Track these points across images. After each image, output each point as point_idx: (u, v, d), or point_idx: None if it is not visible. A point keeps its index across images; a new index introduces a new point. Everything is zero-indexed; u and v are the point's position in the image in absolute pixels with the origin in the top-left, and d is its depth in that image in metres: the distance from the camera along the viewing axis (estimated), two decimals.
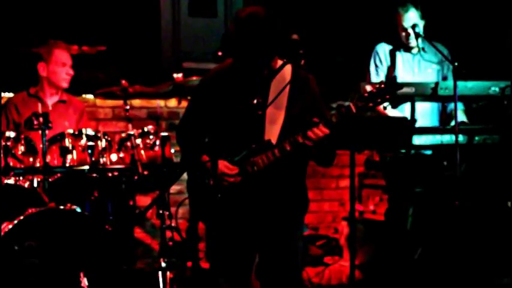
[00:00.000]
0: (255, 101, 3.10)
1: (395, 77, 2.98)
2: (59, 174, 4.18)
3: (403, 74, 4.75)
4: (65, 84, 4.65)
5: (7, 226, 3.75)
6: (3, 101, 4.75)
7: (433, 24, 4.76)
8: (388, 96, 2.97)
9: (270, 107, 3.08)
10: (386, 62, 4.79)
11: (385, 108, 3.13)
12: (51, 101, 4.69)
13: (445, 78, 4.79)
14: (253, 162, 3.09)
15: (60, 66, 4.60)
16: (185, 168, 3.33)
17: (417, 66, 4.80)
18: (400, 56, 4.79)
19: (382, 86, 2.98)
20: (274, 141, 3.09)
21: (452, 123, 4.23)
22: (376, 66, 4.80)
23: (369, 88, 3.01)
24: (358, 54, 5.06)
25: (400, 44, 4.78)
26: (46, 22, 5.13)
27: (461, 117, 4.55)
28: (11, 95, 4.87)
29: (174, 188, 4.76)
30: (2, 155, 3.98)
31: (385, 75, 4.77)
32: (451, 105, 4.69)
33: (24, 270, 3.73)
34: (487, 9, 5.42)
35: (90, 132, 4.29)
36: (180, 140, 3.33)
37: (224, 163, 3.10)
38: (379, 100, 2.98)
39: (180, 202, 3.60)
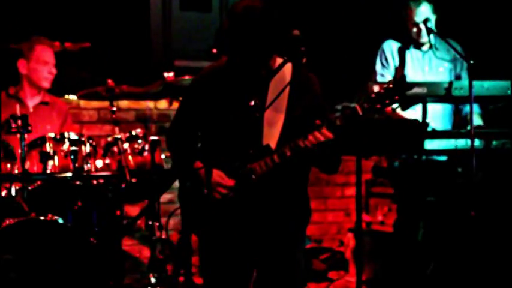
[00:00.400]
0: (253, 103, 3.11)
1: (404, 76, 3.00)
2: (39, 182, 4.19)
3: (412, 74, 4.76)
4: (46, 84, 4.66)
5: None
6: None
7: (446, 19, 4.78)
8: (397, 97, 2.97)
9: (269, 109, 3.09)
10: (393, 61, 4.80)
11: (394, 110, 3.13)
12: (32, 102, 4.70)
13: (458, 78, 4.80)
14: (251, 169, 3.10)
15: (42, 64, 4.62)
16: (176, 176, 3.34)
17: (428, 65, 4.82)
18: (410, 54, 4.81)
19: (391, 86, 2.99)
20: (273, 146, 3.10)
21: (468, 126, 4.23)
22: (383, 65, 4.81)
23: (376, 88, 3.04)
24: (366, 52, 5.07)
25: (409, 40, 4.80)
26: (26, 16, 5.13)
27: (477, 121, 4.55)
28: None
29: (164, 197, 4.77)
30: None
31: (392, 75, 4.78)
32: (466, 108, 4.70)
33: (0, 285, 3.74)
34: (505, 1, 5.43)
35: (73, 136, 4.30)
36: (171, 144, 3.34)
37: (219, 173, 3.12)
38: (387, 101, 2.98)
39: (171, 212, 3.62)
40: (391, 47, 4.82)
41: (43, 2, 5.23)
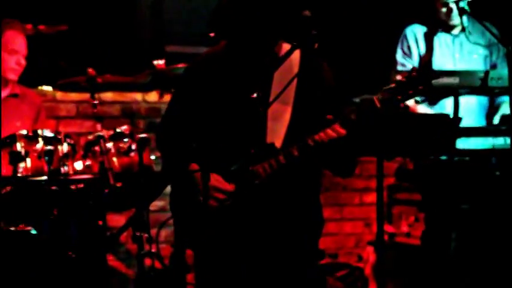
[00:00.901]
0: (255, 95, 3.10)
1: (430, 63, 2.99)
2: (9, 187, 4.18)
3: (440, 61, 4.77)
4: (12, 76, 4.66)
5: None
6: None
7: None
8: (421, 87, 2.98)
9: (274, 102, 3.09)
10: (417, 49, 4.80)
11: (417, 102, 3.12)
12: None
13: (493, 67, 4.81)
14: (253, 172, 3.09)
15: (9, 53, 4.61)
16: (168, 180, 3.33)
17: (459, 51, 4.83)
18: (437, 39, 4.82)
19: (414, 74, 2.99)
20: (278, 145, 3.10)
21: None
22: (404, 54, 4.84)
23: (397, 78, 3.02)
24: (389, 36, 5.06)
25: (437, 23, 4.79)
26: None
27: None
28: None
29: (155, 205, 4.78)
30: None
31: (415, 65, 4.77)
32: (502, 100, 4.68)
33: None
34: None
35: (49, 133, 4.29)
36: (162, 143, 3.35)
37: (216, 176, 3.11)
38: (410, 92, 3.00)
39: (162, 222, 3.60)
40: (415, 33, 4.84)
41: None
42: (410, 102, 4.71)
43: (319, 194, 3.27)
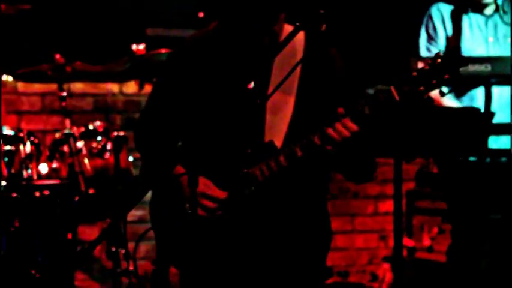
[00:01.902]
0: (252, 85, 3.11)
1: (458, 47, 3.00)
2: None
3: (471, 46, 4.82)
4: None
5: None
6: None
7: None
8: (447, 76, 2.98)
9: (274, 93, 3.09)
10: (444, 30, 4.82)
11: (443, 94, 3.12)
12: None
13: None
14: (248, 175, 3.10)
15: None
16: (149, 186, 3.34)
17: (492, 34, 4.88)
18: (467, 19, 4.85)
19: (439, 60, 2.99)
20: (279, 143, 3.10)
21: None
22: (430, 37, 4.87)
23: (419, 65, 3.03)
24: (408, 19, 5.08)
25: (467, 1, 4.79)
26: None
27: None
28: None
29: (133, 214, 4.78)
30: None
31: (442, 50, 4.78)
32: None
33: None
34: None
35: (8, 131, 4.31)
36: (141, 142, 3.36)
37: (205, 181, 3.11)
38: (434, 82, 2.99)
39: (140, 235, 3.61)
40: (441, 12, 4.88)
41: None
42: (434, 94, 4.72)
43: (326, 201, 3.28)
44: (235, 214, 3.12)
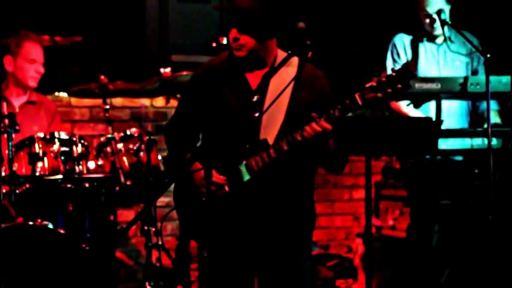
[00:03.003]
0: (255, 99, 3.17)
1: (407, 63, 3.01)
2: (27, 185, 4.19)
3: (426, 68, 4.77)
4: (32, 83, 4.65)
5: None
6: None
7: (461, 10, 4.77)
8: (400, 86, 2.98)
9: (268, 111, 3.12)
10: (405, 55, 4.79)
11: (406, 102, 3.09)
12: (18, 102, 4.69)
13: (474, 73, 4.80)
14: (246, 165, 3.12)
15: (29, 63, 4.60)
16: (172, 179, 3.34)
17: (443, 59, 4.81)
18: (423, 47, 4.81)
19: (393, 74, 3.01)
20: (271, 141, 3.12)
21: (485, 125, 4.23)
22: (394, 60, 4.80)
23: (378, 77, 3.04)
24: (376, 46, 5.07)
25: (422, 33, 4.79)
26: (14, 9, 5.13)
27: (494, 118, 4.56)
28: None
29: (161, 201, 4.78)
30: None
31: None
32: (483, 105, 4.71)
33: None
34: None
35: (64, 136, 4.29)
36: (168, 140, 3.38)
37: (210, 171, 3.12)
38: (389, 90, 2.99)
39: (164, 215, 3.62)
40: (402, 40, 4.81)
41: None
42: (396, 105, 4.73)
43: (312, 190, 3.29)
44: (237, 198, 3.13)
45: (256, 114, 3.13)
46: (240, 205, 3.14)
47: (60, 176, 4.21)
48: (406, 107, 4.69)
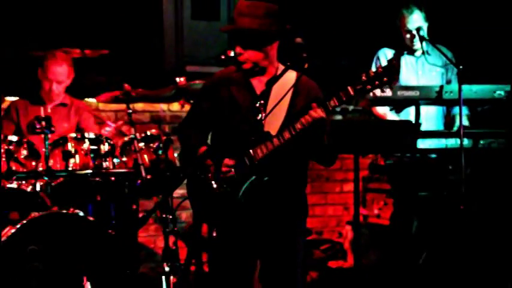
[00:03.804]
0: (258, 104, 3.17)
1: (392, 60, 3.02)
2: (61, 178, 4.20)
3: (406, 77, 4.76)
4: (55, 93, 4.66)
5: (10, 230, 3.78)
6: (6, 105, 4.79)
7: (437, 26, 4.77)
8: (386, 79, 2.99)
9: (271, 108, 3.13)
10: None
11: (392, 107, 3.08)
12: (51, 104, 4.71)
13: (449, 82, 4.80)
14: (252, 152, 3.11)
15: (52, 80, 4.62)
16: (185, 174, 3.35)
17: (421, 69, 4.81)
18: (404, 59, 4.80)
19: (380, 70, 3.02)
20: (273, 134, 3.12)
21: (456, 127, 4.23)
22: None
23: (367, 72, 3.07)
24: (364, 57, 5.08)
25: (403, 47, 4.79)
26: (50, 26, 5.15)
27: (463, 122, 4.56)
28: (15, 98, 4.90)
29: (177, 192, 4.77)
30: (4, 159, 4.01)
31: None
32: (455, 109, 4.70)
33: (27, 274, 3.76)
34: (491, 11, 5.43)
35: (93, 136, 4.31)
36: (180, 134, 3.38)
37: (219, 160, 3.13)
38: (377, 83, 3.00)
39: (178, 204, 3.62)
40: (385, 54, 4.80)
41: (65, 14, 5.24)
42: (381, 110, 4.73)
43: (305, 185, 3.27)
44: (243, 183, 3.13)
45: (261, 116, 3.14)
46: (245, 197, 3.14)
47: (89, 171, 4.20)
48: (390, 114, 4.70)
